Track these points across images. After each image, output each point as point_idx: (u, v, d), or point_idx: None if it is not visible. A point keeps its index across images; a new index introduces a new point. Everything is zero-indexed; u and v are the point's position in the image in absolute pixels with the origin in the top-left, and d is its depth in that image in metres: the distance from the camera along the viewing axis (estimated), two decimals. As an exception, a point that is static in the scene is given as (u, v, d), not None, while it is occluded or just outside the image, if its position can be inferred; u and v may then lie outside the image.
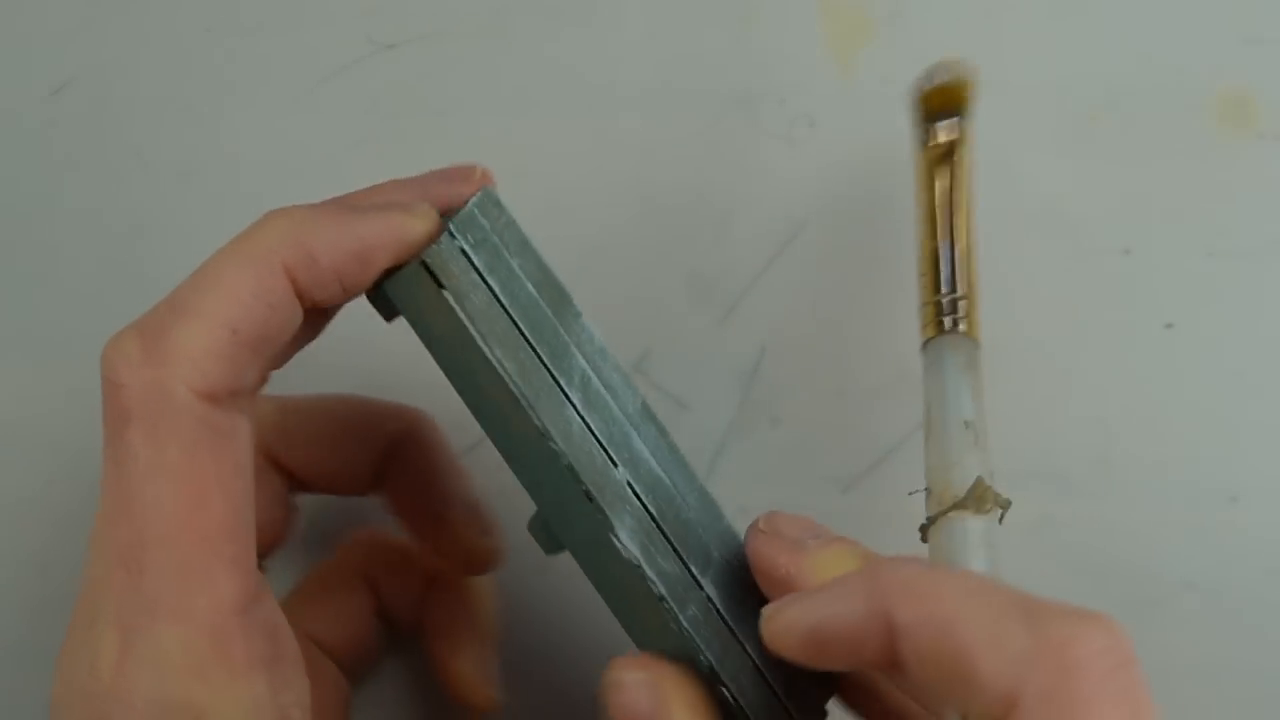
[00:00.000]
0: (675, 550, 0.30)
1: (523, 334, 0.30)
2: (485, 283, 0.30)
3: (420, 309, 0.29)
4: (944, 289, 0.34)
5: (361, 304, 0.30)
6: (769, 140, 0.39)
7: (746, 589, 0.31)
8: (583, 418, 0.30)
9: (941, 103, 0.35)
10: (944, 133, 0.35)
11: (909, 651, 0.26)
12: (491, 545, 0.35)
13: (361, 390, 0.36)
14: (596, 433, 0.30)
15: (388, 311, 0.30)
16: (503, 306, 0.30)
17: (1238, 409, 0.38)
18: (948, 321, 0.33)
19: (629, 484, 0.30)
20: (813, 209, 0.39)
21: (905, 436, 0.38)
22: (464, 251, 0.30)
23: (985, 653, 0.25)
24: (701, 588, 0.30)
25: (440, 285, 0.29)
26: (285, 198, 0.31)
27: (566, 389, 0.30)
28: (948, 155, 0.35)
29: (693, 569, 0.30)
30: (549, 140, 0.40)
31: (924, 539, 0.31)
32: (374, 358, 0.36)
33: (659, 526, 0.30)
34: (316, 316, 0.30)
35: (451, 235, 0.29)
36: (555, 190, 0.39)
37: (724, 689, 0.30)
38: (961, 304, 0.33)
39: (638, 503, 0.30)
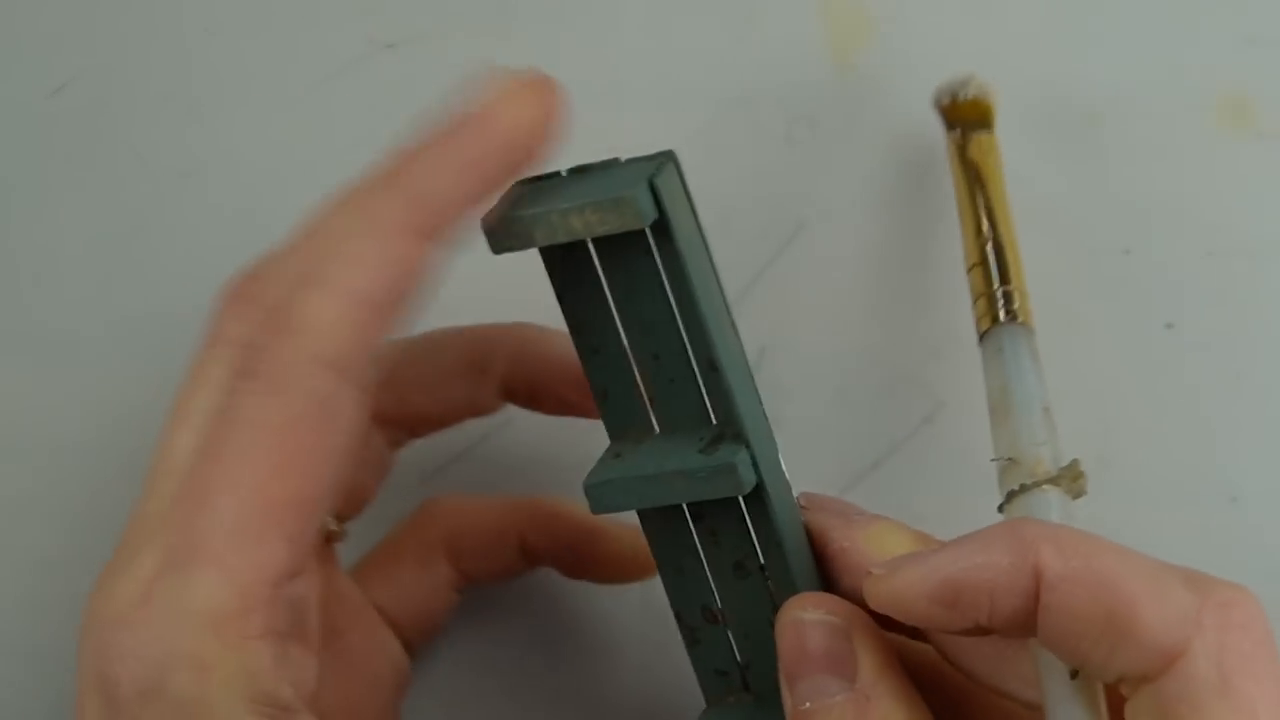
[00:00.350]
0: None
1: None
2: None
3: (673, 201, 0.28)
4: (996, 282, 0.34)
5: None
6: (769, 140, 0.39)
7: None
8: None
9: (967, 114, 0.36)
10: (974, 140, 0.36)
11: (1058, 604, 0.26)
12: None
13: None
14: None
15: None
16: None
17: (1238, 409, 0.38)
18: (1003, 312, 0.34)
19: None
20: (813, 209, 0.39)
21: (905, 437, 0.38)
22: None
23: (1150, 606, 0.25)
24: None
25: (684, 185, 0.29)
26: (285, 197, 0.30)
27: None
28: (980, 160, 0.35)
29: None
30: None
31: (1001, 509, 0.31)
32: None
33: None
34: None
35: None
36: (555, 190, 0.39)
37: None
38: (1014, 295, 0.34)
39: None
